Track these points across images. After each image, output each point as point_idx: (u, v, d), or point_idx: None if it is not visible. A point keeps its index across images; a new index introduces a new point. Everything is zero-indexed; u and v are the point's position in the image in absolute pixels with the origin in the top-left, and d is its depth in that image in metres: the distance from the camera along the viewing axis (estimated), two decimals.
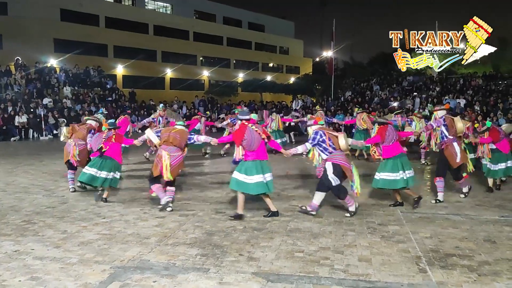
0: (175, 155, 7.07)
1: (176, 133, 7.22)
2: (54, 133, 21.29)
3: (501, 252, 5.21)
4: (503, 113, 21.01)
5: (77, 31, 33.06)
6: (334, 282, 4.31)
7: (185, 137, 7.30)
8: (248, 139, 6.45)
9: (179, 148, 7.18)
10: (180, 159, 7.17)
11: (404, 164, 7.20)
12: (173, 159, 7.02)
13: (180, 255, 5.05)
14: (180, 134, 7.23)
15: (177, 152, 7.13)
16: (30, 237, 5.68)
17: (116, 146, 7.79)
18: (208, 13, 46.22)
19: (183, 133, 7.30)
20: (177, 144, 7.15)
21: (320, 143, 6.67)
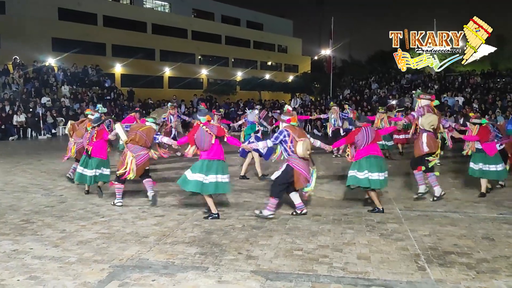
0: (140, 154, 7.21)
1: (143, 131, 7.31)
2: (53, 132, 21.28)
3: (500, 249, 5.22)
4: (501, 111, 21.05)
5: (75, 30, 33.01)
6: (333, 280, 4.32)
7: (151, 135, 7.37)
8: (197, 139, 6.51)
9: (144, 147, 7.29)
10: (145, 158, 7.30)
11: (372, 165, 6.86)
12: (138, 158, 7.17)
13: (179, 254, 5.05)
14: (146, 132, 7.32)
15: (142, 151, 7.26)
16: (29, 236, 5.68)
17: (99, 143, 7.87)
18: (207, 11, 46.18)
19: (150, 132, 7.37)
20: (142, 144, 7.27)
21: (282, 142, 6.64)
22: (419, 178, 7.74)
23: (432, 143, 7.57)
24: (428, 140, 7.57)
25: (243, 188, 8.81)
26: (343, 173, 10.38)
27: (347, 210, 7.07)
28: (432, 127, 7.53)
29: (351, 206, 7.32)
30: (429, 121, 7.52)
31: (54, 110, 22.30)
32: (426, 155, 7.62)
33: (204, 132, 6.48)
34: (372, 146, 6.96)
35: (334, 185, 9.15)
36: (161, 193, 8.18)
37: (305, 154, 6.49)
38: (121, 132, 7.41)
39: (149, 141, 7.36)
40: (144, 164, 7.34)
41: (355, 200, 7.76)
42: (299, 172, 6.50)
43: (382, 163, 6.99)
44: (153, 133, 7.41)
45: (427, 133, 7.60)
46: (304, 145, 6.46)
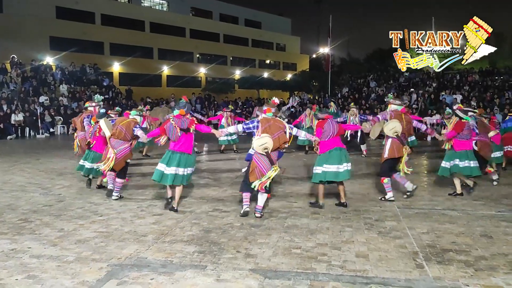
0: (120, 148, 7.48)
1: (122, 126, 7.58)
2: (51, 131, 21.25)
3: (498, 247, 5.23)
4: (499, 108, 21.09)
5: (73, 29, 32.93)
6: (331, 278, 4.32)
7: (130, 128, 7.59)
8: (167, 130, 6.81)
9: (124, 141, 7.55)
10: (126, 151, 7.54)
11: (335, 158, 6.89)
12: (118, 153, 7.44)
13: (177, 252, 5.05)
14: (126, 126, 7.57)
15: (123, 145, 7.51)
16: (27, 235, 5.67)
17: (102, 138, 8.08)
18: (205, 10, 46.11)
19: (129, 125, 7.60)
20: (121, 138, 7.53)
21: (252, 131, 6.74)
22: (386, 186, 7.58)
23: (394, 149, 7.42)
24: (390, 146, 7.47)
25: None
26: None
27: (346, 208, 7.07)
28: (395, 134, 7.40)
29: (349, 205, 7.31)
30: (391, 128, 7.43)
31: (52, 109, 22.27)
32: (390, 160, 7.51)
33: (172, 126, 6.76)
34: (335, 139, 7.00)
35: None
36: (159, 192, 8.17)
37: (258, 149, 6.46)
38: (104, 128, 7.63)
39: (129, 134, 7.59)
40: (125, 157, 7.58)
41: (353, 199, 7.77)
42: (255, 164, 6.49)
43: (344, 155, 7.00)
44: (132, 125, 7.63)
45: (391, 139, 7.49)
46: (260, 141, 6.41)
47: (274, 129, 6.49)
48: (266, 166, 6.46)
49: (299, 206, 7.21)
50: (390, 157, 7.47)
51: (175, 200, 6.91)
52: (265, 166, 6.45)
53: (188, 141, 6.78)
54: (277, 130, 6.51)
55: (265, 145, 6.40)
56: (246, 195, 6.69)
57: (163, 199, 7.61)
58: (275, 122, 6.60)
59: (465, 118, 7.84)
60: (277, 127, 6.54)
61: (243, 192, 6.73)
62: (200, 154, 13.98)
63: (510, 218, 6.48)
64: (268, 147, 6.41)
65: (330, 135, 6.94)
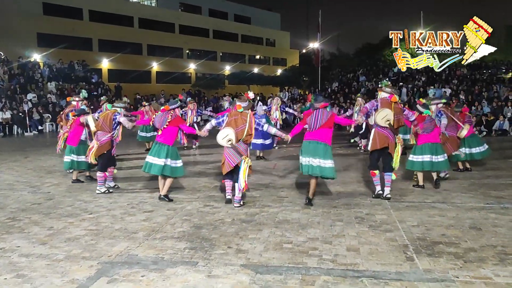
0: (101, 139, 7.78)
1: (102, 118, 7.95)
2: (39, 128, 21.04)
3: (487, 238, 5.28)
4: (487, 101, 21.30)
5: (60, 25, 32.61)
6: (322, 272, 4.33)
7: (108, 119, 7.89)
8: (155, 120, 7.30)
9: (105, 132, 7.84)
10: (104, 141, 7.81)
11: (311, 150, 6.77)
12: (99, 143, 7.78)
13: (168, 249, 5.03)
14: (103, 118, 7.93)
15: (103, 136, 7.82)
16: (16, 234, 5.61)
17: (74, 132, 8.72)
18: (194, 5, 45.93)
19: (107, 116, 7.94)
20: (100, 129, 7.86)
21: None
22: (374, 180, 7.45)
23: (377, 140, 7.19)
24: (373, 137, 7.25)
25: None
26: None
27: (336, 203, 7.09)
28: (387, 122, 7.10)
29: (340, 199, 7.34)
30: (382, 116, 7.10)
31: (40, 106, 22.04)
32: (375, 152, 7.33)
33: (158, 117, 7.25)
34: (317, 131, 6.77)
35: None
36: (150, 189, 8.14)
37: (222, 142, 6.69)
38: (91, 123, 7.99)
39: (107, 125, 7.87)
40: (103, 147, 7.81)
41: (344, 193, 7.79)
42: (224, 157, 6.79)
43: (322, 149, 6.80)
44: (111, 116, 7.93)
45: (376, 128, 7.25)
46: (222, 134, 6.68)
47: (239, 123, 6.69)
48: (234, 158, 6.65)
49: (290, 201, 7.21)
50: (372, 148, 7.29)
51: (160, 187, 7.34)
52: (232, 159, 6.66)
53: (170, 134, 7.17)
54: (242, 123, 6.70)
55: (228, 137, 6.65)
56: (228, 183, 7.05)
57: (153, 196, 7.59)
58: (242, 115, 6.76)
59: (425, 112, 7.93)
60: (242, 120, 6.72)
61: (224, 180, 7.11)
62: (189, 149, 13.92)
63: (498, 210, 6.55)
64: (231, 139, 6.63)
65: (313, 126, 6.74)
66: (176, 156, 7.24)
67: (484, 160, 10.38)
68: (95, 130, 7.90)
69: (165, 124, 7.11)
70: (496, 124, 19.13)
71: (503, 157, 12.15)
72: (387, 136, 7.14)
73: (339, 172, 9.45)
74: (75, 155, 8.64)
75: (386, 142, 7.14)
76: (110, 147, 7.96)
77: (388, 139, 7.14)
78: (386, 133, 7.15)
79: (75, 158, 8.64)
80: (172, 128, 7.18)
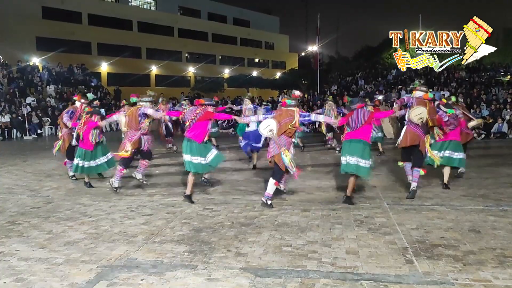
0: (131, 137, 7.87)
1: (128, 116, 8.01)
2: (38, 132, 21.03)
3: (486, 241, 5.29)
4: (486, 104, 21.33)
5: (59, 29, 32.66)
6: (322, 275, 4.33)
7: (134, 117, 7.91)
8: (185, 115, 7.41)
9: (133, 130, 7.90)
10: (132, 138, 7.85)
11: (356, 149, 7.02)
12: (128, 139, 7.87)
13: (168, 252, 5.02)
14: (130, 116, 7.98)
15: (133, 133, 7.88)
16: (15, 238, 5.60)
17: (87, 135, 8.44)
18: (193, 8, 46.01)
19: (132, 114, 7.96)
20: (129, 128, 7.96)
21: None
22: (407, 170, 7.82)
23: (407, 138, 7.49)
24: (405, 134, 7.55)
25: (232, 186, 8.80)
26: (331, 168, 10.44)
27: (336, 206, 7.10)
28: (420, 120, 7.41)
29: (339, 201, 7.34)
30: (417, 113, 7.40)
31: (40, 110, 22.04)
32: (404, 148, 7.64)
33: (188, 112, 7.36)
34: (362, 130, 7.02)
35: (322, 181, 9.16)
36: (149, 192, 8.15)
37: (262, 131, 7.02)
38: (122, 122, 8.16)
39: (133, 123, 7.89)
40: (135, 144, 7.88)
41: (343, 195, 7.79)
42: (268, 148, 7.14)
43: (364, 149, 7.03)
44: (136, 112, 7.92)
45: (408, 126, 7.56)
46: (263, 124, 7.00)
47: (283, 116, 6.93)
48: (272, 150, 6.92)
49: (289, 204, 7.21)
50: (402, 145, 7.64)
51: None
52: (271, 151, 6.96)
53: (200, 130, 7.16)
54: (286, 117, 6.91)
55: (269, 127, 6.88)
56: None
57: (152, 200, 7.60)
58: (288, 111, 7.00)
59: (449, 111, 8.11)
60: (288, 115, 6.94)
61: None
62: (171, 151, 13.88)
63: (497, 213, 6.56)
64: (272, 129, 6.86)
65: (354, 126, 7.01)
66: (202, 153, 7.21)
67: (483, 163, 10.40)
68: (125, 130, 7.93)
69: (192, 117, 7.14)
70: (495, 127, 19.15)
71: (502, 159, 12.17)
72: (418, 135, 7.45)
73: (337, 174, 9.47)
74: (87, 161, 8.35)
75: (417, 140, 7.44)
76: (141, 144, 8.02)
77: (419, 137, 7.45)
78: (418, 131, 7.45)
79: (86, 164, 8.35)
80: (201, 124, 7.15)
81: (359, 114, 7.00)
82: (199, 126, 7.14)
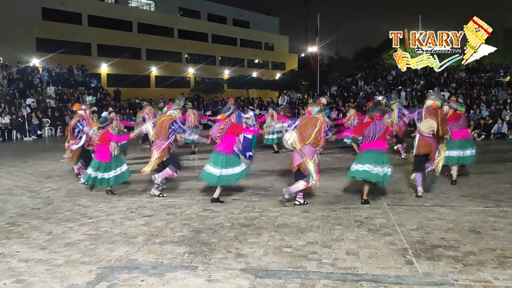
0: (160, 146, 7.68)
1: (158, 126, 7.81)
2: (38, 133, 21.02)
3: (486, 242, 5.29)
4: (486, 105, 21.34)
5: (59, 30, 32.67)
6: (322, 276, 4.33)
7: (163, 128, 7.67)
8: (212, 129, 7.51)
9: (161, 140, 7.68)
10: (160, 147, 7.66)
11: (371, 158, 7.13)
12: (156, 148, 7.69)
13: (168, 253, 5.02)
14: (159, 126, 7.76)
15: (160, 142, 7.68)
16: (15, 239, 5.60)
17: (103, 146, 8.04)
18: (192, 9, 46.04)
19: (162, 124, 7.73)
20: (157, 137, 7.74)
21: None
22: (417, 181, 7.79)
23: (420, 146, 7.66)
24: (418, 143, 7.71)
25: (232, 187, 8.79)
26: (332, 170, 10.44)
27: (336, 207, 7.10)
28: (431, 131, 7.56)
29: (339, 202, 7.35)
30: (427, 126, 7.58)
31: (40, 111, 22.04)
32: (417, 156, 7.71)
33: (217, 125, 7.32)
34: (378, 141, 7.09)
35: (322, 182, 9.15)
36: (149, 194, 8.14)
37: (285, 144, 7.03)
38: (150, 131, 8.05)
39: (162, 133, 7.67)
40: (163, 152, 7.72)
41: (343, 197, 7.80)
42: (292, 156, 7.11)
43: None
44: (167, 123, 7.68)
45: (419, 135, 7.72)
46: (285, 136, 7.02)
47: (308, 127, 6.91)
48: (297, 159, 6.96)
49: (289, 205, 7.21)
50: (416, 153, 7.76)
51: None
52: (296, 160, 6.98)
53: (229, 142, 7.19)
54: (311, 127, 6.89)
55: (289, 140, 6.90)
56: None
57: (152, 201, 7.60)
58: (312, 120, 6.98)
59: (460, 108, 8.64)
60: (312, 124, 6.92)
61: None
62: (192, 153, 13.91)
63: (497, 213, 6.56)
64: (292, 142, 6.87)
65: (371, 137, 7.02)
66: (234, 164, 7.23)
67: (483, 163, 10.40)
68: (153, 138, 7.78)
69: (218, 133, 7.14)
70: (494, 128, 19.15)
71: (501, 160, 12.17)
72: (430, 144, 7.60)
73: (337, 175, 9.48)
74: (101, 172, 7.89)
75: (429, 149, 7.61)
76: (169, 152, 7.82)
77: (431, 146, 7.61)
78: (430, 141, 7.60)
79: (99, 175, 7.88)
80: (230, 137, 7.17)
81: (376, 127, 7.04)
82: (228, 138, 7.18)
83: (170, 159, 7.89)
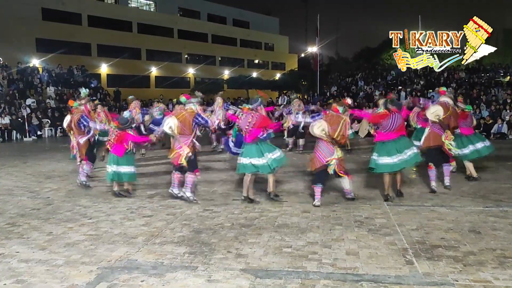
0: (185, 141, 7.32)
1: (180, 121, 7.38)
2: (38, 134, 21.01)
3: (486, 242, 5.29)
4: (486, 105, 21.34)
5: (59, 30, 32.69)
6: (322, 277, 4.33)
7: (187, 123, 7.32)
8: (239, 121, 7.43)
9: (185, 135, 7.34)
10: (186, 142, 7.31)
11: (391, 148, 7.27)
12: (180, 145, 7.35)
13: (168, 253, 5.03)
14: (182, 121, 7.36)
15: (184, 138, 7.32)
16: (15, 239, 5.60)
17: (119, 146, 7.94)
18: (192, 10, 46.08)
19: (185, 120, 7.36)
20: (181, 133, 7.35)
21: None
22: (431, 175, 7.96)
23: (430, 138, 7.80)
24: (428, 135, 7.85)
25: (232, 187, 8.80)
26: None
27: (336, 207, 7.10)
28: (437, 117, 7.70)
29: (339, 202, 7.35)
30: (433, 111, 7.71)
31: (39, 111, 22.03)
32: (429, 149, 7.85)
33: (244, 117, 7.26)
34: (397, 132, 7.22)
35: None
36: (149, 194, 8.15)
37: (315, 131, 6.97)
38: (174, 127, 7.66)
39: (186, 128, 7.32)
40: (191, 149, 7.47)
41: (343, 197, 7.79)
42: (314, 154, 7.10)
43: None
44: (189, 118, 7.36)
45: (429, 127, 7.88)
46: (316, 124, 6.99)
47: (333, 123, 6.99)
48: (325, 154, 6.95)
49: (289, 205, 7.21)
50: (425, 145, 7.85)
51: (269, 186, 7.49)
52: (323, 155, 6.96)
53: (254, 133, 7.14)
54: (336, 124, 6.99)
55: (322, 127, 6.93)
56: (317, 189, 7.14)
57: (152, 201, 7.59)
58: (338, 118, 7.08)
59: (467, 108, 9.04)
60: (337, 122, 7.03)
61: (314, 185, 7.20)
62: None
63: (497, 214, 6.56)
64: (324, 129, 6.91)
65: (389, 128, 7.15)
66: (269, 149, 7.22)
67: (483, 163, 10.38)
68: (177, 135, 7.42)
69: (246, 126, 7.13)
70: (494, 128, 19.15)
71: (501, 160, 12.16)
72: (441, 136, 7.73)
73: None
74: (115, 165, 7.79)
75: (440, 141, 7.74)
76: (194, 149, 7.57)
77: (441, 138, 7.73)
78: (440, 133, 7.74)
79: (114, 169, 7.78)
80: (257, 130, 7.15)
81: (395, 119, 7.15)
82: (256, 131, 7.14)
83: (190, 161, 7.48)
